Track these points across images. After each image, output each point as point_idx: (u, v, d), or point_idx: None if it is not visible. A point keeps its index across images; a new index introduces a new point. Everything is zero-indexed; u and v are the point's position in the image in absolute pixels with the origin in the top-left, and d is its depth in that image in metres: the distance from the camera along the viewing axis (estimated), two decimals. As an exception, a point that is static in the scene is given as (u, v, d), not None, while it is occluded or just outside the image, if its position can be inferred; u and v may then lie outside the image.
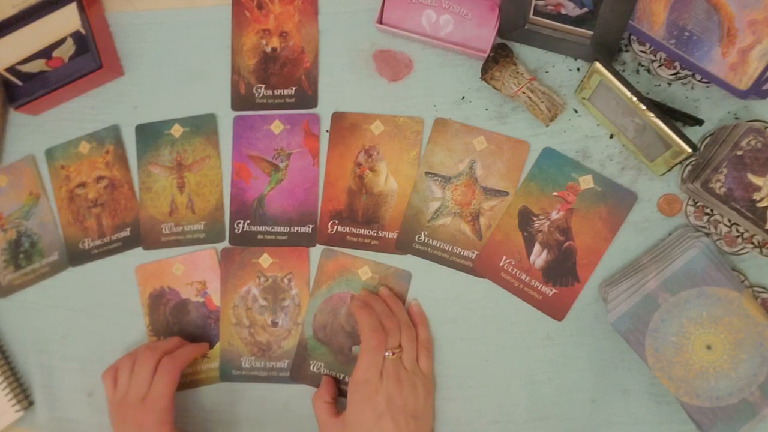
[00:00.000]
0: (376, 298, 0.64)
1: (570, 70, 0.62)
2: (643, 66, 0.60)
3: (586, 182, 0.61)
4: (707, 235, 0.58)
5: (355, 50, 0.67)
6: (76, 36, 0.69)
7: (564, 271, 0.61)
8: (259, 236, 0.68)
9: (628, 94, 0.54)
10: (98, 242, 0.71)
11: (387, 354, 0.59)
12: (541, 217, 0.62)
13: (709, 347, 0.53)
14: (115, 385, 0.63)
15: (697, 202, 0.59)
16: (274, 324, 0.67)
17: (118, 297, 0.70)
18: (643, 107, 0.54)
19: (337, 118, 0.67)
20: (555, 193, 0.62)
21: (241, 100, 0.69)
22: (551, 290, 0.62)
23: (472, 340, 0.64)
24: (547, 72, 0.63)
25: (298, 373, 0.66)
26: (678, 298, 0.54)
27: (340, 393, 0.65)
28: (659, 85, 0.60)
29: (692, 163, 0.58)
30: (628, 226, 0.61)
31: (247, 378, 0.67)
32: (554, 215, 0.62)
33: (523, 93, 0.60)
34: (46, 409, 0.71)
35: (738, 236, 0.57)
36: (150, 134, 0.71)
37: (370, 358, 0.58)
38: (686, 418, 0.54)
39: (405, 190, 0.65)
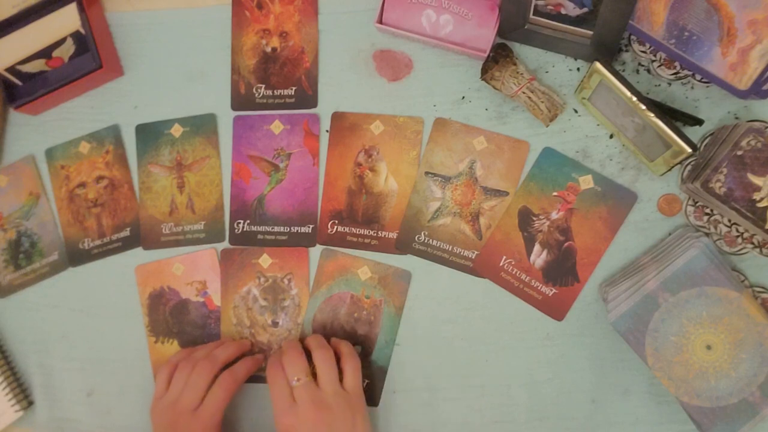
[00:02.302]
0: (280, 348, 0.64)
1: (570, 70, 0.62)
2: (643, 66, 0.60)
3: (586, 182, 0.61)
4: (707, 235, 0.58)
5: (355, 50, 0.67)
6: (76, 36, 0.69)
7: (564, 271, 0.61)
8: (259, 236, 0.68)
9: (628, 94, 0.54)
10: (98, 242, 0.71)
11: (294, 383, 0.57)
12: (541, 217, 0.62)
13: (709, 347, 0.53)
14: (168, 385, 0.62)
15: (697, 202, 0.59)
16: (275, 324, 0.67)
17: (118, 297, 0.70)
18: (643, 107, 0.54)
19: (337, 118, 0.67)
20: (555, 193, 0.62)
21: (241, 100, 0.69)
22: (551, 290, 0.62)
23: (472, 340, 0.64)
24: (547, 72, 0.63)
25: (298, 373, 0.66)
26: (678, 298, 0.54)
27: None
28: (659, 85, 0.60)
29: (692, 163, 0.58)
30: (628, 226, 0.61)
31: (248, 378, 0.67)
32: (554, 215, 0.62)
33: (523, 93, 0.60)
34: (46, 409, 0.71)
35: (738, 236, 0.57)
36: (150, 134, 0.71)
37: (272, 390, 0.58)
38: (686, 418, 0.54)
39: (405, 190, 0.65)
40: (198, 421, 0.59)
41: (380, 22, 0.64)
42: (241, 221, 0.68)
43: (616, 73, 0.55)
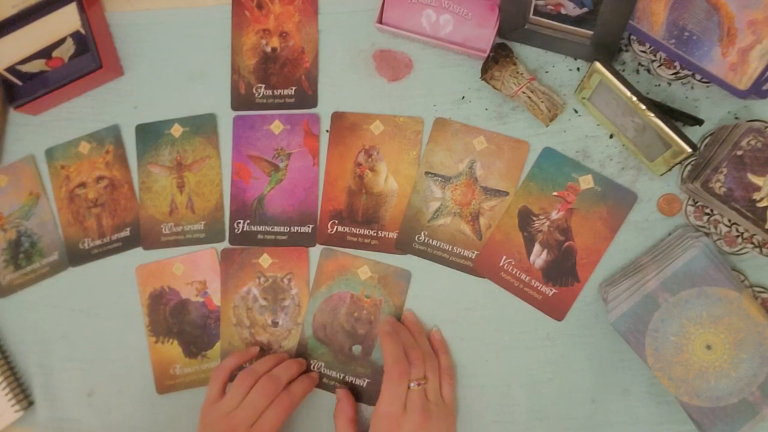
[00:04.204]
0: (402, 326, 0.63)
1: (570, 70, 0.62)
2: (643, 66, 0.60)
3: (586, 182, 0.61)
4: (707, 235, 0.58)
5: (355, 50, 0.67)
6: (76, 36, 0.69)
7: (564, 271, 0.61)
8: (259, 236, 0.68)
9: (628, 94, 0.54)
10: (98, 242, 0.71)
11: (412, 385, 0.58)
12: (541, 217, 0.62)
13: (709, 347, 0.53)
14: (222, 391, 0.62)
15: (697, 202, 0.59)
16: (275, 324, 0.67)
17: (118, 297, 0.70)
18: (643, 107, 0.54)
19: (337, 118, 0.67)
20: (555, 193, 0.62)
21: (241, 100, 0.69)
22: (551, 290, 0.62)
23: (472, 340, 0.64)
24: (547, 72, 0.63)
25: (298, 373, 0.66)
26: (678, 298, 0.54)
27: (358, 399, 0.65)
28: (659, 85, 0.60)
29: (692, 163, 0.58)
30: (628, 226, 0.60)
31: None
32: (554, 215, 0.62)
33: (523, 93, 0.60)
34: (46, 409, 0.71)
35: (738, 236, 0.57)
36: (150, 134, 0.71)
37: (392, 389, 0.58)
38: (686, 418, 0.54)
39: (405, 190, 0.65)
40: None
41: (380, 22, 0.64)
42: (241, 221, 0.68)
43: (616, 73, 0.55)
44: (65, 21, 0.69)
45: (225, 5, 0.70)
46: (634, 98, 0.54)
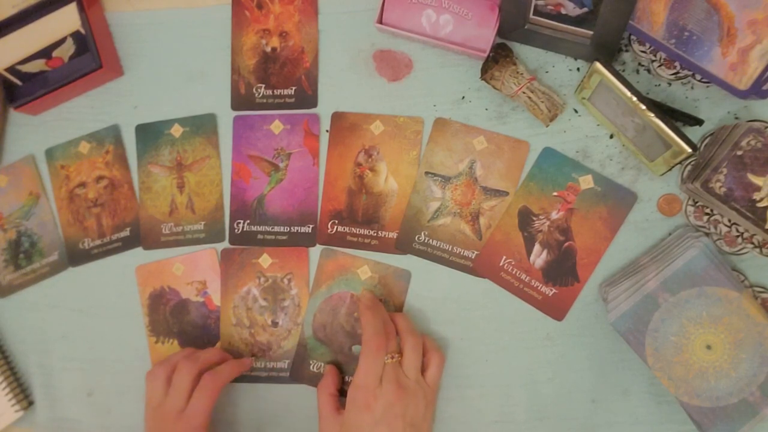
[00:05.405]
0: (380, 304, 0.63)
1: (570, 70, 0.62)
2: (643, 66, 0.60)
3: (586, 182, 0.61)
4: (707, 235, 0.58)
5: (355, 50, 0.67)
6: (76, 36, 0.69)
7: (564, 271, 0.61)
8: (259, 236, 0.68)
9: (628, 94, 0.54)
10: (98, 242, 0.71)
11: (386, 359, 0.57)
12: (541, 217, 0.62)
13: (709, 347, 0.53)
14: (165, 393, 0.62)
15: (697, 202, 0.59)
16: (274, 324, 0.67)
17: (118, 297, 0.70)
18: (643, 107, 0.54)
19: (337, 118, 0.67)
20: (555, 193, 0.62)
21: (241, 100, 0.69)
22: (551, 290, 0.62)
23: (472, 340, 0.64)
24: (547, 72, 0.63)
25: (298, 373, 0.66)
26: (678, 298, 0.54)
27: (344, 383, 0.65)
28: (659, 85, 0.60)
29: (692, 163, 0.58)
30: (628, 226, 0.61)
31: (248, 378, 0.67)
32: (554, 215, 0.62)
33: (523, 93, 0.60)
34: (46, 409, 0.71)
35: (738, 236, 0.57)
36: (150, 134, 0.71)
37: (369, 361, 0.57)
38: (686, 418, 0.54)
39: (405, 190, 0.65)
40: (182, 424, 0.59)
41: (380, 22, 0.64)
42: (241, 221, 0.68)
43: (616, 73, 0.55)
44: (65, 21, 0.69)
45: (225, 5, 0.70)
46: (634, 98, 0.54)
